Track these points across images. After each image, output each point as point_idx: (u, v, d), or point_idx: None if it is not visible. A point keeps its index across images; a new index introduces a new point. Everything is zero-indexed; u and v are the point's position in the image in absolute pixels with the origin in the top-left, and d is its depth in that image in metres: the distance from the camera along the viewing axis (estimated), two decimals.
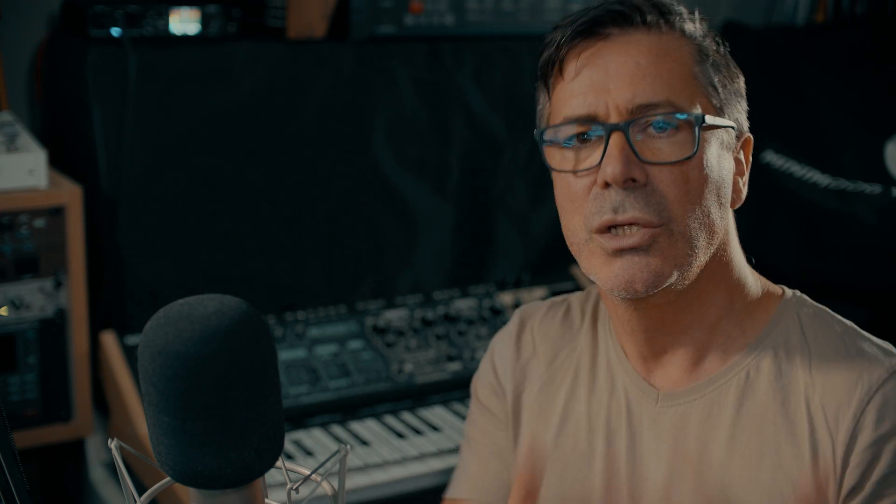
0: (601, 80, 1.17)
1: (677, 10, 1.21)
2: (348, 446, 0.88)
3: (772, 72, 2.84)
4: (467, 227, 2.53)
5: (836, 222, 2.62)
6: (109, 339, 2.10)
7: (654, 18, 1.19)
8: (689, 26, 1.21)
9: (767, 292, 1.26)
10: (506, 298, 2.46)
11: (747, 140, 1.25)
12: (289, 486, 0.87)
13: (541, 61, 1.25)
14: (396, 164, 2.42)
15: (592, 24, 1.19)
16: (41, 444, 2.07)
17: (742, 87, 1.25)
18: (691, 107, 1.16)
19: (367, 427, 2.15)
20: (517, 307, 2.43)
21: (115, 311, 2.19)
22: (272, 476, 1.81)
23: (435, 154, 2.47)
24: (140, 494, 0.88)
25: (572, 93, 1.19)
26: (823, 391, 1.17)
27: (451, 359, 2.31)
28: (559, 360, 1.37)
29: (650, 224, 1.14)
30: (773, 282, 1.30)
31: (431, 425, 2.16)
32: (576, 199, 1.19)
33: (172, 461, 0.80)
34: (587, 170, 1.17)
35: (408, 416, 2.21)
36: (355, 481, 1.95)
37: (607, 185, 1.15)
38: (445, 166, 2.48)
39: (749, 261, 1.27)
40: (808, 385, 1.18)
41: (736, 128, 1.22)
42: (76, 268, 2.03)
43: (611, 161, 1.14)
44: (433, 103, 2.45)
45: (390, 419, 2.19)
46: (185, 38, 2.22)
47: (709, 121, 1.17)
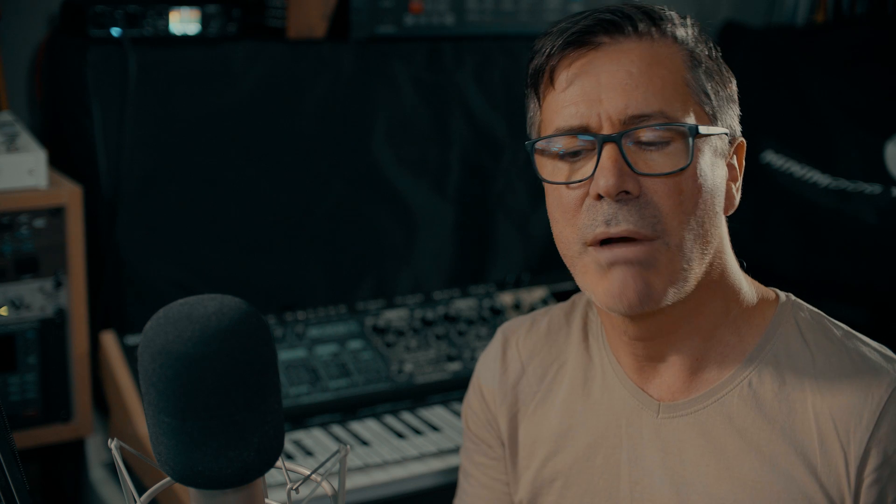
0: (593, 90, 1.15)
1: (668, 17, 1.19)
2: (348, 446, 0.88)
3: (772, 72, 2.84)
4: (467, 227, 2.53)
5: (836, 222, 2.62)
6: (109, 339, 2.10)
7: (645, 26, 1.17)
8: (680, 32, 1.19)
9: (763, 297, 1.25)
10: (506, 298, 2.46)
11: (740, 145, 1.24)
12: (289, 486, 0.87)
13: (530, 69, 1.23)
14: (396, 164, 2.42)
15: (583, 34, 1.17)
16: (41, 444, 2.07)
17: (734, 90, 1.23)
18: (684, 116, 1.15)
19: (367, 427, 2.15)
20: (517, 307, 2.44)
21: (115, 311, 2.19)
22: (272, 476, 1.81)
23: (435, 154, 2.47)
24: (140, 494, 0.88)
25: (564, 103, 1.17)
26: (833, 403, 1.15)
27: (451, 359, 2.31)
28: (550, 376, 1.35)
29: (644, 237, 1.13)
30: (773, 282, 1.29)
31: (431, 425, 2.16)
32: (568, 210, 1.17)
33: (172, 461, 0.80)
34: (579, 182, 1.16)
35: (408, 416, 2.21)
36: (355, 481, 1.95)
37: (600, 196, 1.13)
38: (445, 166, 2.48)
39: (741, 265, 1.25)
40: (814, 396, 1.16)
41: (729, 133, 1.20)
42: (76, 268, 2.03)
43: (603, 173, 1.13)
44: (433, 103, 2.45)
45: (390, 419, 2.19)
46: (185, 38, 2.22)
47: (702, 131, 1.15)
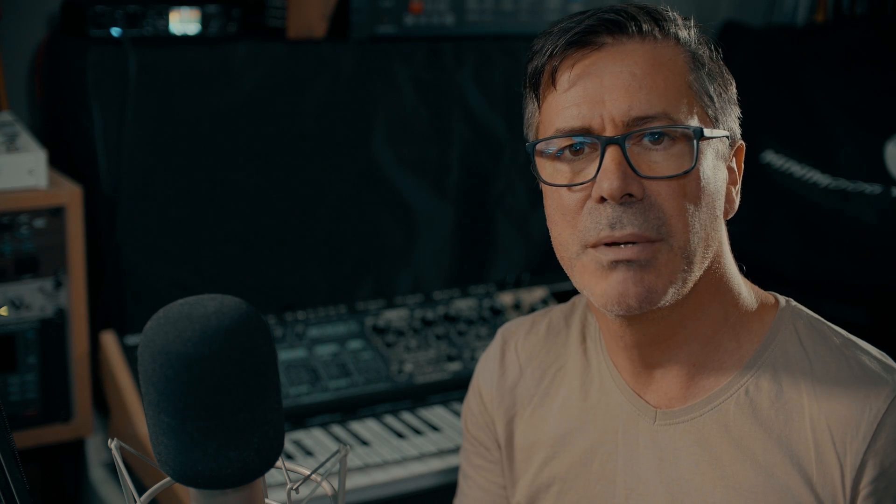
0: (596, 91, 1.13)
1: (671, 18, 1.18)
2: (348, 446, 0.88)
3: (772, 72, 2.84)
4: (467, 227, 2.53)
5: (836, 222, 2.62)
6: (109, 339, 2.10)
7: (648, 27, 1.16)
8: (682, 34, 1.18)
9: (762, 302, 1.24)
10: (506, 298, 2.46)
11: (740, 147, 1.23)
12: (289, 486, 0.87)
13: (530, 69, 1.21)
14: (396, 164, 2.42)
15: (586, 34, 1.15)
16: (41, 444, 2.07)
17: (734, 93, 1.22)
18: (687, 118, 1.14)
19: (367, 427, 2.15)
20: (517, 307, 2.44)
21: (115, 311, 2.19)
22: (272, 476, 1.81)
23: (435, 154, 2.47)
24: (140, 494, 0.88)
25: (565, 104, 1.15)
26: (830, 413, 1.14)
27: (451, 359, 2.31)
28: (548, 379, 1.34)
29: (649, 239, 1.11)
30: (773, 282, 1.29)
31: (431, 425, 2.16)
32: (568, 212, 1.16)
33: (172, 461, 0.80)
34: (581, 184, 1.14)
35: (408, 416, 2.21)
36: (355, 481, 1.95)
37: (603, 199, 1.12)
38: (445, 166, 2.48)
39: (740, 269, 1.24)
40: (812, 405, 1.15)
41: (730, 136, 1.19)
42: (76, 268, 2.03)
43: (607, 176, 1.11)
44: (433, 103, 2.45)
45: (390, 419, 2.19)
46: (185, 38, 2.22)
47: (707, 133, 1.14)
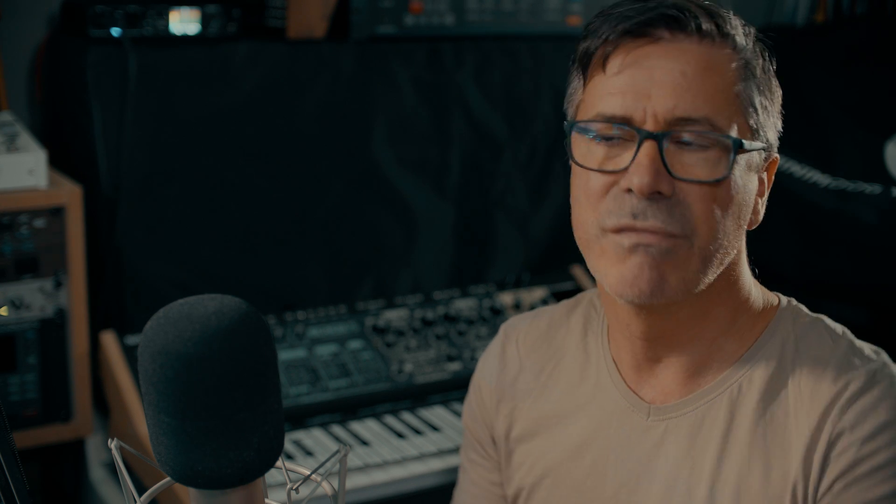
0: (644, 83, 1.12)
1: (732, 22, 1.17)
2: (348, 446, 0.88)
3: None
4: (467, 227, 2.53)
5: (836, 222, 2.62)
6: (109, 339, 2.10)
7: (708, 27, 1.14)
8: (740, 40, 1.16)
9: (766, 303, 1.24)
10: (506, 298, 2.46)
11: (773, 161, 1.22)
12: (289, 486, 0.87)
13: (581, 48, 1.18)
14: (396, 164, 2.42)
15: (644, 25, 1.13)
16: (41, 444, 2.07)
17: (779, 104, 1.21)
18: (729, 126, 1.13)
19: (367, 427, 2.15)
20: (517, 307, 2.44)
21: (115, 311, 2.19)
22: (272, 476, 1.81)
23: (435, 154, 2.47)
24: (140, 494, 0.88)
25: (611, 90, 1.14)
26: (811, 405, 1.15)
27: (451, 359, 2.31)
28: (546, 372, 1.34)
29: (672, 234, 1.11)
30: (773, 282, 1.29)
31: (431, 425, 2.16)
32: (592, 195, 1.15)
33: (172, 461, 0.80)
34: (613, 172, 1.13)
35: (408, 416, 2.21)
36: (355, 481, 1.95)
37: (630, 190, 1.12)
38: (445, 166, 2.48)
39: (753, 272, 1.25)
40: (798, 403, 1.16)
41: (767, 148, 1.19)
42: (76, 268, 2.03)
43: (639, 170, 1.11)
44: (433, 103, 2.45)
45: (390, 419, 2.19)
46: (185, 38, 2.22)
47: (746, 146, 1.13)
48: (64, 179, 2.10)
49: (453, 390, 2.28)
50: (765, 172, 1.21)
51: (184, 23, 2.21)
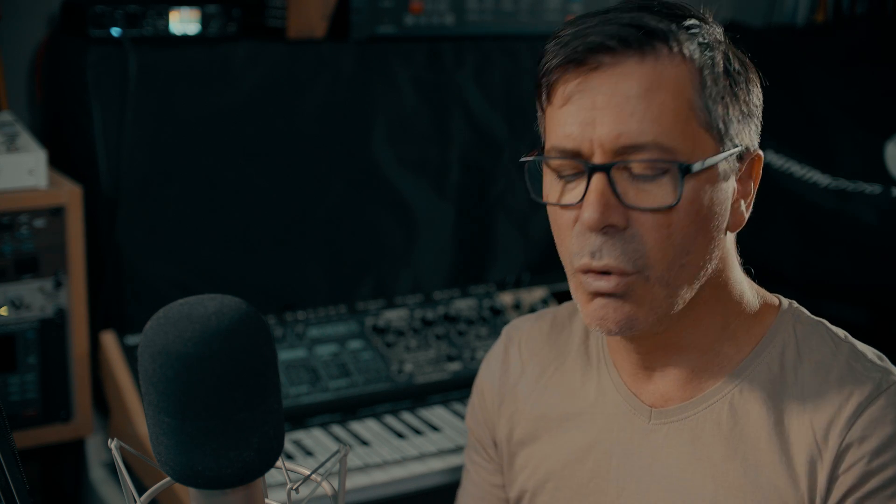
0: (587, 112, 1.10)
1: (681, 29, 1.11)
2: (348, 446, 0.88)
3: (772, 72, 2.83)
4: (467, 227, 2.53)
5: (836, 222, 2.61)
6: (109, 339, 2.10)
7: (650, 47, 1.09)
8: (689, 48, 1.10)
9: (765, 304, 1.23)
10: (506, 298, 2.46)
11: (756, 158, 1.17)
12: (289, 486, 0.87)
13: (537, 72, 1.19)
14: (396, 164, 2.42)
15: (585, 51, 1.10)
16: (41, 444, 2.07)
17: (754, 101, 1.17)
18: (682, 144, 1.09)
19: (367, 427, 2.15)
20: (517, 307, 2.44)
21: (115, 311, 2.19)
22: (272, 476, 1.81)
23: (435, 154, 2.47)
24: (140, 494, 0.88)
25: (560, 122, 1.13)
26: (815, 415, 1.14)
27: (451, 359, 2.31)
28: (548, 374, 1.34)
29: (624, 272, 1.10)
30: (773, 282, 1.28)
31: (431, 425, 2.16)
32: (561, 230, 1.16)
33: (172, 461, 0.80)
34: (569, 206, 1.13)
35: (408, 416, 2.21)
36: (355, 481, 1.95)
37: None
38: (445, 166, 2.48)
39: (748, 272, 1.23)
40: (799, 406, 1.15)
41: (741, 150, 1.14)
42: (76, 268, 2.03)
43: (589, 206, 1.09)
44: (433, 103, 2.45)
45: (390, 419, 2.19)
46: (185, 38, 2.22)
47: (696, 168, 1.09)
48: (64, 179, 2.10)
49: (453, 390, 2.28)
50: (746, 173, 1.17)
51: (184, 23, 2.21)
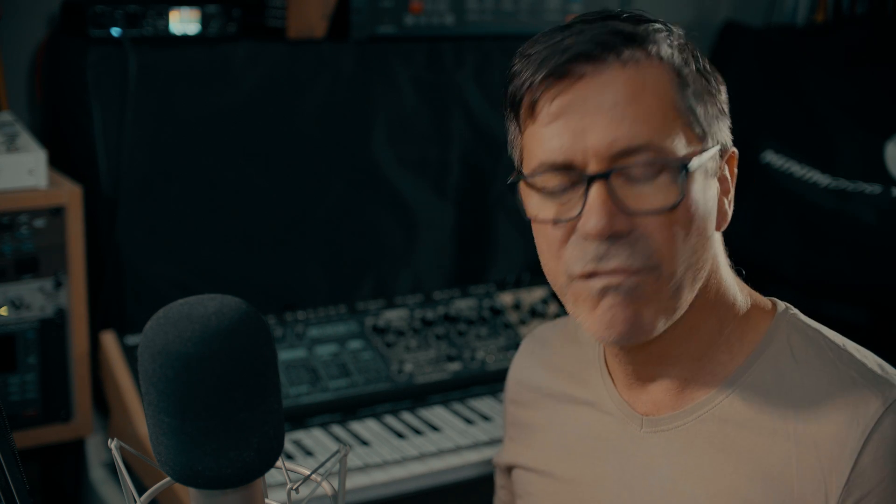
0: (577, 124, 1.09)
1: (653, 32, 1.13)
2: (348, 446, 0.88)
3: (772, 72, 2.84)
4: (467, 227, 2.53)
5: (836, 222, 2.62)
6: (109, 339, 2.10)
7: (629, 52, 1.10)
8: (665, 50, 1.12)
9: (757, 307, 1.21)
10: (506, 298, 2.46)
11: (732, 155, 1.18)
12: (289, 486, 0.87)
13: (510, 90, 1.16)
14: (396, 164, 2.42)
15: (565, 64, 1.10)
16: (41, 444, 2.07)
17: (724, 99, 1.18)
18: (673, 142, 1.10)
19: (367, 427, 2.15)
20: (517, 307, 2.44)
21: (115, 311, 2.19)
22: (272, 476, 1.81)
23: (435, 154, 2.47)
24: (140, 494, 0.88)
25: (547, 136, 1.11)
26: (817, 431, 1.11)
27: (451, 359, 2.31)
28: (560, 381, 1.35)
29: (635, 271, 1.09)
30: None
31: (431, 425, 2.16)
32: (553, 245, 1.13)
33: (172, 461, 0.80)
34: (566, 221, 1.11)
35: (408, 416, 2.21)
36: (355, 481, 1.95)
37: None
38: (445, 166, 2.48)
39: (739, 273, 1.22)
40: (798, 421, 1.12)
41: (720, 147, 1.16)
42: (76, 268, 2.03)
43: (592, 215, 1.08)
44: (433, 103, 2.45)
45: (390, 419, 2.19)
46: (185, 38, 2.22)
47: (694, 163, 1.10)
48: (64, 179, 2.10)
49: (453, 390, 2.28)
50: (725, 170, 1.18)
51: (184, 23, 2.21)
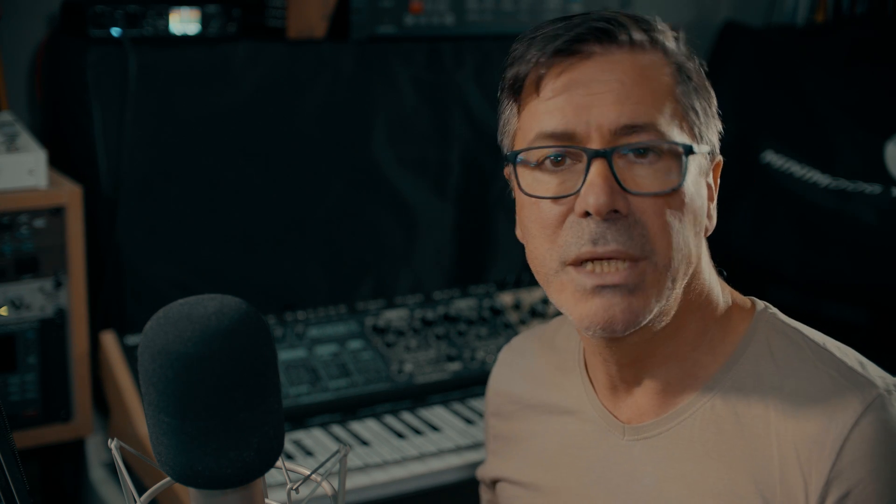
0: (582, 99, 1.09)
1: (660, 28, 1.14)
2: (348, 446, 0.88)
3: (772, 72, 2.84)
4: (467, 227, 2.53)
5: (836, 222, 2.62)
6: (109, 339, 2.10)
7: (639, 36, 1.11)
8: (671, 45, 1.14)
9: (737, 306, 1.21)
10: (506, 298, 2.46)
11: (718, 163, 1.19)
12: (289, 486, 0.87)
13: (509, 75, 1.16)
14: (396, 164, 2.42)
15: (574, 42, 1.10)
16: (41, 444, 2.07)
17: (715, 105, 1.18)
18: (674, 131, 1.10)
19: (367, 427, 2.15)
20: (517, 307, 2.44)
21: (115, 311, 2.19)
22: (272, 476, 1.81)
23: (435, 154, 2.47)
24: (140, 494, 0.88)
25: (550, 109, 1.11)
26: (796, 432, 1.10)
27: (451, 359, 2.31)
28: (530, 391, 1.35)
29: (632, 258, 1.08)
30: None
31: (431, 425, 2.16)
32: (548, 226, 1.11)
33: (172, 461, 0.80)
34: (564, 197, 1.09)
35: (408, 416, 2.21)
36: (355, 481, 1.95)
37: (586, 214, 1.08)
38: (445, 166, 2.48)
39: (720, 273, 1.22)
40: (778, 423, 1.12)
41: (711, 148, 1.16)
42: (76, 268, 2.03)
43: (593, 190, 1.07)
44: (433, 103, 2.45)
45: (390, 419, 2.19)
46: (185, 38, 2.22)
47: (695, 150, 1.11)
48: (64, 179, 2.10)
49: (453, 390, 2.28)
50: (711, 176, 1.18)
51: (184, 23, 2.21)
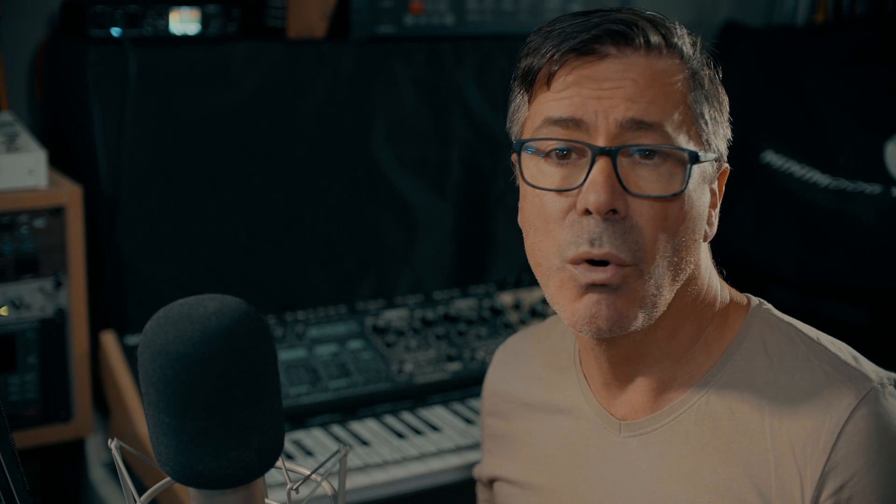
0: (592, 92, 1.09)
1: (678, 32, 1.14)
2: (348, 446, 0.88)
3: (772, 72, 2.84)
4: (467, 227, 2.53)
5: (836, 222, 2.62)
6: (109, 339, 2.10)
7: (656, 40, 1.11)
8: (687, 50, 1.14)
9: (733, 303, 1.21)
10: (506, 298, 2.46)
11: (724, 171, 1.19)
12: (289, 486, 0.87)
13: (523, 66, 1.16)
14: (396, 164, 2.42)
15: (590, 42, 1.10)
16: (41, 444, 2.07)
17: (727, 112, 1.18)
18: (682, 136, 1.10)
19: (367, 427, 2.15)
20: (517, 307, 2.44)
21: (115, 311, 2.19)
22: (272, 476, 1.81)
23: (435, 154, 2.47)
24: (140, 494, 0.88)
25: (560, 97, 1.11)
26: (791, 426, 1.11)
27: (451, 359, 2.31)
28: (525, 390, 1.35)
29: (622, 263, 1.08)
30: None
31: (431, 425, 2.16)
32: (550, 220, 1.11)
33: (172, 461, 0.80)
34: (567, 190, 1.10)
35: (408, 416, 2.21)
36: (355, 481, 1.95)
37: (587, 212, 1.08)
38: (445, 166, 2.48)
39: (720, 273, 1.22)
40: (773, 418, 1.12)
41: (718, 156, 1.16)
42: (76, 268, 2.03)
43: (594, 188, 1.07)
44: (433, 103, 2.45)
45: (390, 419, 2.19)
46: (185, 38, 2.22)
47: (701, 158, 1.11)
48: (64, 179, 2.10)
49: (453, 390, 2.28)
50: (716, 182, 1.18)
51: (184, 23, 2.21)
